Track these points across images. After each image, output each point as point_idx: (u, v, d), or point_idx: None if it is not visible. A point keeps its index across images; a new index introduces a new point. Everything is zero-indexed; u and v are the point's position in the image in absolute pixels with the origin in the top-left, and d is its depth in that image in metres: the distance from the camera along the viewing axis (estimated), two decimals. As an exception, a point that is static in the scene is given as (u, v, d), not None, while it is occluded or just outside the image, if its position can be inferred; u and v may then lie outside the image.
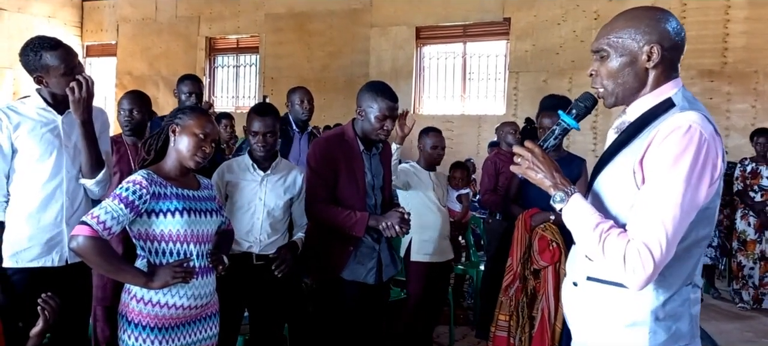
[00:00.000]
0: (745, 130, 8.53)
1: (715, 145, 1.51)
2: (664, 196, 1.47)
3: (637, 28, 1.61)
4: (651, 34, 1.60)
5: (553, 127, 1.76)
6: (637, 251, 1.46)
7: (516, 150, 1.71)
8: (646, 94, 1.64)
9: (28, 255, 2.55)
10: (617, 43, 1.64)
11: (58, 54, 2.51)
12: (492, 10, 9.97)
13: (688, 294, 1.63)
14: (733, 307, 6.19)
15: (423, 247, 4.07)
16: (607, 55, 1.66)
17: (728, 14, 8.53)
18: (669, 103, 1.60)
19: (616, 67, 1.64)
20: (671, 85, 1.63)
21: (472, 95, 10.53)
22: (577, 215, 1.59)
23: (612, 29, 1.66)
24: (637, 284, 1.48)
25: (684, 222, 1.48)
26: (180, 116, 2.32)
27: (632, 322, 1.60)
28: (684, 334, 1.61)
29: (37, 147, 2.54)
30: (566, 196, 1.61)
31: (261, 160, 2.96)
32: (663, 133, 1.51)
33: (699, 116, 1.52)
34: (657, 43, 1.59)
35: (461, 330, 5.01)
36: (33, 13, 12.61)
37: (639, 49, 1.61)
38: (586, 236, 1.56)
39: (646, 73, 1.63)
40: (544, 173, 1.65)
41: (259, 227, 2.90)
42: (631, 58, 1.62)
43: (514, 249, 3.55)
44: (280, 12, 11.56)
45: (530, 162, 1.67)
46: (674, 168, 1.47)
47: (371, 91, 2.91)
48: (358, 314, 2.97)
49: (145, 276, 2.17)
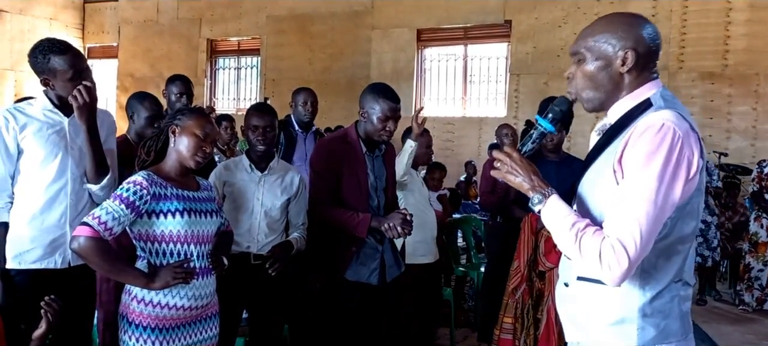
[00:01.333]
0: (746, 132, 8.54)
1: (689, 143, 1.53)
2: (637, 193, 1.50)
3: (613, 33, 1.65)
4: (626, 40, 1.64)
5: (530, 132, 1.78)
6: (612, 248, 1.49)
7: (495, 155, 1.74)
8: (625, 97, 1.68)
9: (31, 257, 2.55)
10: (594, 47, 1.67)
11: (66, 58, 2.52)
12: (493, 13, 9.98)
13: (678, 291, 1.64)
14: (734, 309, 6.19)
15: (418, 248, 4.07)
16: (583, 59, 1.69)
17: (729, 16, 8.54)
18: (647, 103, 1.63)
19: (591, 71, 1.68)
20: (650, 86, 1.66)
21: (473, 98, 10.55)
22: (555, 216, 1.62)
23: (590, 33, 1.69)
24: (613, 280, 1.51)
25: (659, 219, 1.51)
26: (179, 117, 2.33)
27: (620, 319, 1.62)
28: (674, 331, 1.62)
29: (42, 149, 2.55)
30: (544, 197, 1.64)
31: (259, 159, 2.97)
32: (638, 131, 1.54)
33: (673, 114, 1.55)
34: (631, 49, 1.63)
35: (462, 332, 5.01)
36: (34, 15, 12.64)
37: (614, 54, 1.64)
38: (564, 235, 1.59)
39: (621, 77, 1.66)
40: (522, 177, 1.68)
41: (256, 227, 2.91)
42: (606, 62, 1.66)
43: (521, 251, 3.54)
44: (282, 14, 11.58)
45: (509, 166, 1.70)
46: (647, 166, 1.50)
47: (373, 93, 2.92)
48: (361, 315, 2.98)
49: (145, 277, 2.18)
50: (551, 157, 3.91)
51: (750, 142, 8.52)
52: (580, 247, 1.54)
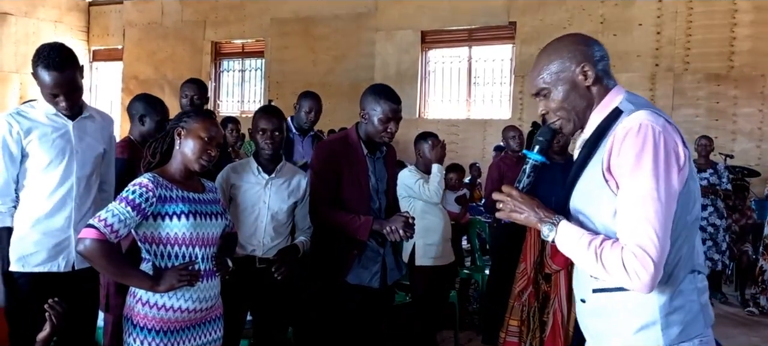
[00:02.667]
0: (752, 134, 8.51)
1: (670, 135, 1.56)
2: (639, 195, 1.51)
3: (562, 57, 1.70)
4: (577, 56, 1.69)
5: (523, 167, 1.81)
6: (634, 255, 1.49)
7: (495, 196, 1.76)
8: (595, 110, 1.72)
9: (35, 260, 2.55)
10: (553, 77, 1.71)
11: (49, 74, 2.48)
12: (497, 14, 9.97)
13: (694, 283, 1.64)
14: (740, 312, 6.16)
15: (428, 251, 4.07)
16: (548, 92, 1.73)
17: (735, 18, 8.50)
18: (617, 112, 1.66)
19: (561, 97, 1.72)
20: (613, 93, 1.70)
21: (477, 99, 10.53)
22: (569, 240, 1.63)
23: (541, 68, 1.74)
24: (644, 286, 1.50)
25: (668, 213, 1.52)
26: (185, 120, 2.33)
27: (644, 324, 1.61)
28: (696, 326, 1.62)
29: (47, 153, 2.54)
30: (554, 226, 1.65)
31: (266, 162, 2.96)
32: (619, 139, 1.57)
33: (646, 113, 1.57)
34: (586, 62, 1.68)
35: (466, 334, 5.00)
36: (39, 17, 12.68)
37: (574, 73, 1.69)
38: (583, 256, 1.59)
39: (589, 92, 1.70)
40: (527, 212, 1.70)
41: (262, 230, 2.90)
42: (571, 83, 1.70)
43: (528, 254, 3.54)
44: (286, 16, 11.59)
45: (512, 205, 1.72)
46: (639, 167, 1.52)
47: (374, 94, 2.92)
48: (363, 318, 2.97)
49: (150, 279, 2.18)
50: (557, 159, 3.91)
51: (756, 143, 8.48)
52: (603, 263, 1.54)
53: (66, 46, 2.56)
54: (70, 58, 2.53)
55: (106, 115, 2.90)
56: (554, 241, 1.66)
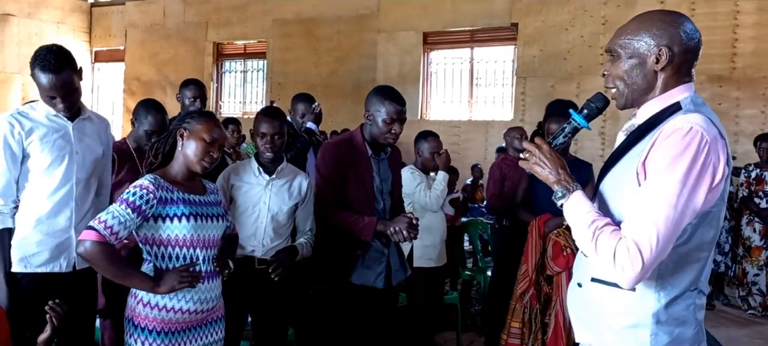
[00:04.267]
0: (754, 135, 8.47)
1: (716, 148, 1.51)
2: (658, 196, 1.48)
3: (648, 31, 1.63)
4: (662, 37, 1.61)
5: (563, 126, 1.76)
6: (627, 249, 1.47)
7: (525, 146, 1.73)
8: (655, 98, 1.65)
9: (37, 260, 2.55)
10: (628, 45, 1.65)
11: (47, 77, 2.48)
12: (499, 16, 9.96)
13: (694, 299, 1.62)
14: (743, 313, 6.15)
15: (426, 252, 4.07)
16: (618, 56, 1.67)
17: (737, 19, 8.49)
18: (676, 106, 1.60)
19: (625, 69, 1.66)
20: (682, 89, 1.63)
21: (479, 101, 10.53)
22: (576, 212, 1.61)
23: (625, 30, 1.67)
24: (626, 281, 1.50)
25: (679, 223, 1.48)
26: (188, 121, 2.33)
27: (634, 323, 1.61)
28: (687, 339, 1.60)
29: (49, 154, 2.55)
30: (568, 192, 1.64)
31: (267, 163, 2.96)
32: (665, 134, 1.52)
33: (702, 119, 1.53)
34: (666, 46, 1.60)
35: (468, 336, 4.99)
36: (42, 19, 12.71)
37: (648, 52, 1.62)
38: (582, 232, 1.58)
39: (654, 76, 1.63)
40: (549, 169, 1.67)
41: (262, 231, 2.89)
42: (640, 59, 1.63)
43: (529, 255, 3.53)
44: (288, 17, 11.60)
45: (538, 158, 1.69)
46: (671, 168, 1.48)
47: (379, 95, 2.92)
48: (367, 318, 2.97)
49: (151, 281, 2.18)
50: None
51: (755, 145, 8.46)
52: (597, 245, 1.53)
53: (63, 48, 2.56)
54: (66, 60, 2.53)
55: (103, 118, 2.91)
56: (562, 206, 1.65)
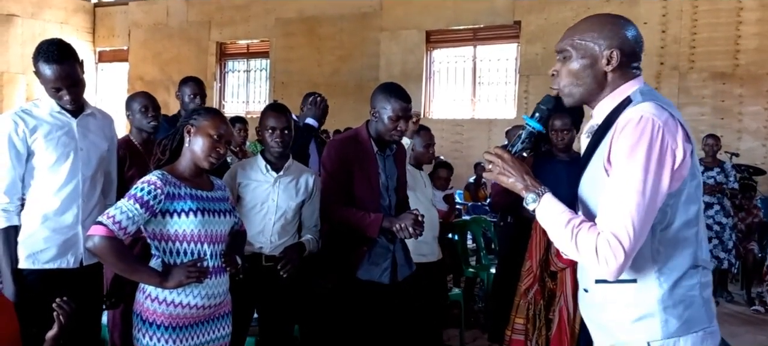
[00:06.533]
0: (758, 132, 8.49)
1: (670, 131, 1.55)
2: (625, 186, 1.53)
3: (599, 33, 1.68)
4: (612, 39, 1.67)
5: (519, 133, 1.80)
6: (607, 243, 1.51)
7: (486, 157, 1.75)
8: (607, 96, 1.71)
9: (45, 256, 2.57)
10: (580, 45, 1.70)
11: (49, 67, 2.50)
12: (502, 14, 9.97)
13: (697, 278, 1.64)
14: (746, 311, 6.14)
15: (419, 247, 4.08)
16: (569, 56, 1.72)
17: (740, 16, 8.48)
18: (627, 100, 1.66)
19: (576, 69, 1.71)
20: (631, 84, 1.69)
21: (482, 99, 10.53)
22: (550, 214, 1.63)
23: (576, 32, 1.73)
24: (610, 273, 1.54)
25: (650, 208, 1.53)
26: (195, 117, 2.34)
27: (642, 315, 1.63)
28: (698, 319, 1.62)
29: (54, 151, 2.56)
30: (538, 196, 1.66)
31: (274, 160, 2.97)
32: (619, 127, 1.58)
33: (651, 105, 1.58)
34: (617, 49, 1.66)
35: (472, 333, 5.00)
36: (45, 19, 12.74)
37: (600, 53, 1.68)
38: (559, 233, 1.61)
39: (604, 76, 1.69)
40: (515, 177, 1.70)
41: (270, 228, 2.91)
42: (592, 60, 1.69)
43: (533, 252, 3.53)
44: (291, 17, 11.61)
45: (501, 168, 1.71)
46: (631, 158, 1.53)
47: (384, 93, 2.93)
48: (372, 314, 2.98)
49: (159, 276, 2.20)
50: (562, 156, 3.91)
51: (762, 142, 8.46)
52: (577, 243, 1.56)
53: (64, 41, 2.59)
54: (69, 51, 2.56)
55: (106, 114, 2.92)
56: (534, 212, 1.67)
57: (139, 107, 3.41)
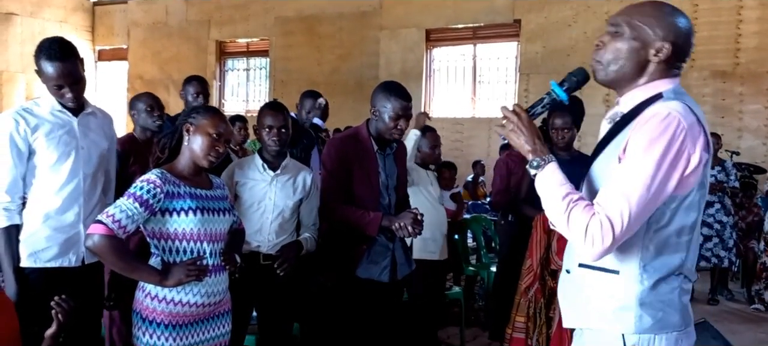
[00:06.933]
0: (758, 131, 8.48)
1: (693, 136, 1.54)
2: (633, 175, 1.52)
3: (659, 21, 1.64)
4: (669, 32, 1.63)
5: (542, 96, 1.77)
6: (600, 224, 1.51)
7: (503, 112, 1.73)
8: (640, 86, 1.68)
9: (47, 255, 2.57)
10: (636, 26, 1.66)
11: (51, 64, 2.51)
12: (502, 12, 9.96)
13: (679, 284, 1.65)
14: (747, 309, 6.15)
15: (425, 245, 4.08)
16: (621, 33, 1.67)
17: (740, 14, 8.48)
18: (658, 96, 1.64)
19: (625, 48, 1.67)
20: (667, 81, 1.67)
21: (482, 98, 10.53)
22: (550, 183, 1.63)
23: (637, 11, 1.68)
24: (593, 255, 1.54)
25: (650, 205, 1.53)
26: (194, 116, 2.34)
27: (619, 306, 1.64)
28: (673, 322, 1.63)
29: (55, 150, 2.56)
30: (543, 163, 1.65)
31: (271, 159, 2.96)
32: (644, 118, 1.57)
33: (681, 106, 1.56)
34: (671, 43, 1.63)
35: (473, 331, 5.00)
36: (45, 17, 12.73)
37: (652, 41, 1.64)
38: (555, 204, 1.60)
39: (646, 65, 1.66)
40: (526, 138, 1.68)
41: (268, 226, 2.90)
42: (642, 45, 1.65)
43: (534, 250, 3.53)
44: (290, 15, 11.60)
45: (515, 125, 1.70)
46: (648, 151, 1.52)
47: (385, 91, 2.93)
48: (372, 312, 2.98)
49: (159, 274, 2.19)
50: (562, 155, 3.90)
51: (762, 141, 8.45)
52: (569, 217, 1.56)
53: (66, 39, 2.60)
54: (70, 48, 2.57)
55: (106, 113, 2.93)
56: (535, 176, 1.66)
57: (145, 107, 3.50)
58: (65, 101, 2.59)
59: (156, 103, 3.56)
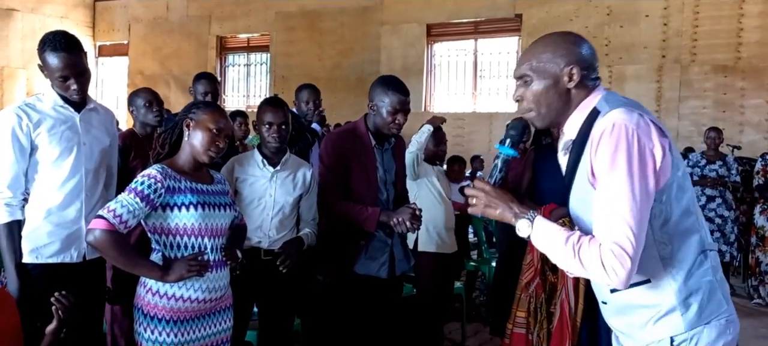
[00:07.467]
0: (760, 125, 8.47)
1: (643, 130, 1.56)
2: (614, 195, 1.53)
3: (555, 52, 1.69)
4: (569, 56, 1.68)
5: (495, 162, 1.80)
6: (612, 253, 1.51)
7: (467, 192, 1.75)
8: (574, 112, 1.71)
9: (48, 251, 2.56)
10: (539, 68, 1.70)
11: (57, 55, 2.50)
12: (503, 7, 9.94)
13: (708, 262, 1.66)
14: (748, 303, 6.15)
15: (430, 238, 4.09)
16: (530, 80, 1.72)
17: (742, 9, 8.46)
18: (594, 112, 1.66)
19: (540, 90, 1.71)
20: (593, 95, 1.70)
21: (483, 93, 10.52)
22: (546, 237, 1.63)
23: (532, 55, 1.73)
24: (620, 282, 1.53)
25: (643, 211, 1.54)
26: (194, 111, 2.34)
27: (662, 312, 1.64)
28: (717, 304, 1.64)
29: (57, 146, 2.55)
30: (530, 222, 1.65)
31: (271, 155, 2.96)
32: (594, 141, 1.58)
33: (620, 111, 1.58)
34: (575, 64, 1.67)
35: (474, 326, 5.01)
36: (45, 13, 12.72)
37: (560, 72, 1.68)
38: (561, 252, 1.60)
39: (568, 93, 1.70)
40: (502, 208, 1.69)
41: (268, 222, 2.90)
42: (554, 80, 1.69)
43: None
44: (291, 10, 11.59)
45: (486, 200, 1.71)
46: (613, 168, 1.53)
47: (382, 86, 2.92)
48: (371, 308, 2.98)
49: (160, 270, 2.20)
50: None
51: (764, 135, 8.44)
52: (581, 259, 1.55)
53: (68, 32, 2.60)
54: (75, 41, 2.57)
55: (108, 109, 2.93)
56: (530, 238, 1.66)
57: (144, 102, 3.52)
58: (70, 93, 2.58)
59: (154, 98, 3.56)
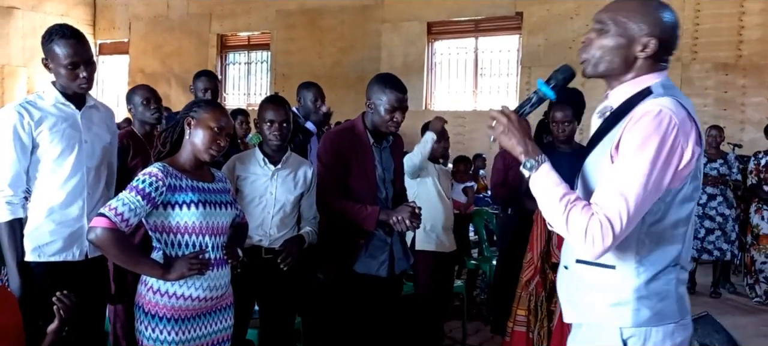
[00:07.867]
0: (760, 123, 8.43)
1: (684, 131, 1.55)
2: (629, 174, 1.52)
3: (644, 16, 1.65)
4: (655, 27, 1.64)
5: (530, 95, 1.77)
6: (599, 224, 1.51)
7: (492, 114, 1.73)
8: (628, 81, 1.69)
9: (51, 249, 2.57)
10: (621, 23, 1.66)
11: (66, 43, 2.50)
12: (504, 5, 9.93)
13: (675, 275, 1.66)
14: (749, 302, 6.15)
15: (428, 237, 4.09)
16: (607, 30, 1.68)
17: (743, 7, 8.44)
18: (647, 91, 1.64)
19: (610, 45, 1.67)
20: (655, 75, 1.67)
21: (484, 91, 10.51)
22: (545, 184, 1.62)
23: (622, 8, 1.68)
24: (594, 254, 1.55)
25: (647, 201, 1.54)
26: (195, 109, 2.34)
27: (617, 301, 1.65)
28: (670, 313, 1.65)
29: (59, 143, 2.55)
30: (537, 164, 1.64)
31: (272, 153, 2.96)
32: (635, 117, 1.57)
33: (671, 101, 1.57)
34: (657, 38, 1.64)
35: (474, 325, 5.01)
36: (46, 11, 12.70)
37: (638, 37, 1.64)
38: (552, 205, 1.59)
39: (634, 61, 1.67)
40: (517, 139, 1.67)
41: (269, 221, 2.90)
42: (628, 41, 1.65)
43: (534, 243, 3.54)
44: (291, 8, 11.57)
45: (505, 127, 1.69)
46: (642, 149, 1.52)
47: (380, 84, 2.91)
48: (371, 307, 2.98)
49: (161, 268, 2.20)
50: (564, 148, 3.90)
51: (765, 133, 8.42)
52: (568, 218, 1.56)
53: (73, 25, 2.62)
54: (80, 32, 2.60)
55: (108, 107, 2.93)
56: (530, 178, 1.66)
57: (141, 100, 3.49)
58: (79, 83, 2.56)
59: (152, 95, 3.53)
